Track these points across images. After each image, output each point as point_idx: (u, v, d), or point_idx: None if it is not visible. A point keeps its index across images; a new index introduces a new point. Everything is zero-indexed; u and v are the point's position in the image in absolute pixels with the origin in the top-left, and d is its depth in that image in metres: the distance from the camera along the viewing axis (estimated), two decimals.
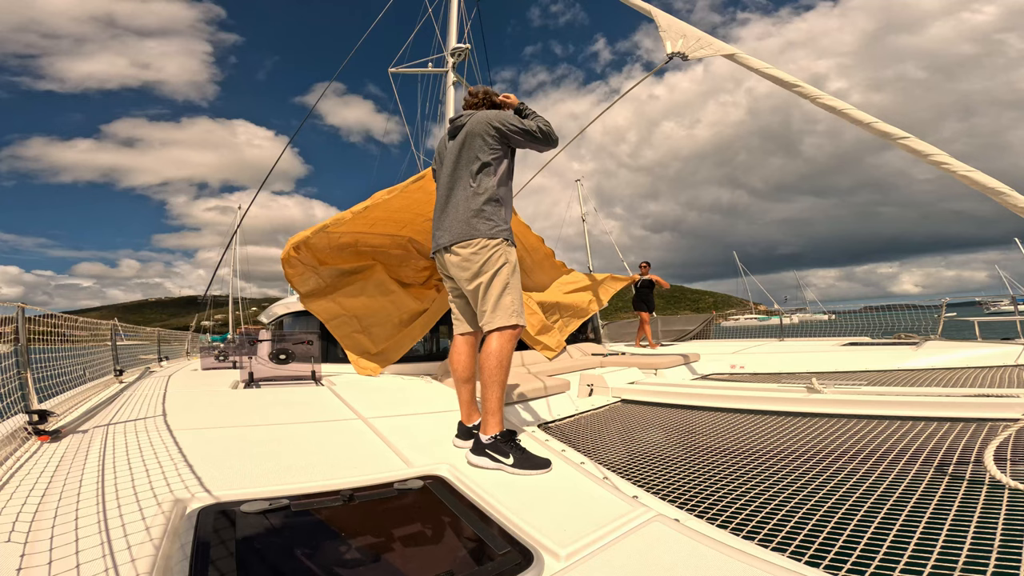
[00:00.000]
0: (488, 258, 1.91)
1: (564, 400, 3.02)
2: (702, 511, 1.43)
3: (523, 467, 1.63)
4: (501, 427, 1.77)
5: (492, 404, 1.81)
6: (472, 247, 1.93)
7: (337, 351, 4.18)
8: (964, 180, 1.25)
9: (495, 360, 1.83)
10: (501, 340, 1.86)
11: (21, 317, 2.35)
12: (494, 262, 1.91)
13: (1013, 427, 1.60)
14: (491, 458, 1.68)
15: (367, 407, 2.51)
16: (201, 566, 0.98)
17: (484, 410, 1.82)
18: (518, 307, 1.91)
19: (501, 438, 1.73)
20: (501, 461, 1.66)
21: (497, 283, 1.90)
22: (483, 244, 1.93)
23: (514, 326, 1.88)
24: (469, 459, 1.72)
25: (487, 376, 1.83)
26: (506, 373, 1.86)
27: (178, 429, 2.02)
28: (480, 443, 1.73)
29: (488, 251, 1.92)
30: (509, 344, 1.87)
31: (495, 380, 1.82)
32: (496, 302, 1.89)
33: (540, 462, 1.67)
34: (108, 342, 4.43)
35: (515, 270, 1.96)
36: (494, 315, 1.88)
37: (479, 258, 1.92)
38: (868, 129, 1.43)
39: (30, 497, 1.31)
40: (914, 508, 1.35)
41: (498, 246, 1.94)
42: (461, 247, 1.95)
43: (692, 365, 4.39)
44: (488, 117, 2.02)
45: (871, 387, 2.86)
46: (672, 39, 1.90)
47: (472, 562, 1.08)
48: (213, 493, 1.33)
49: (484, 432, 1.76)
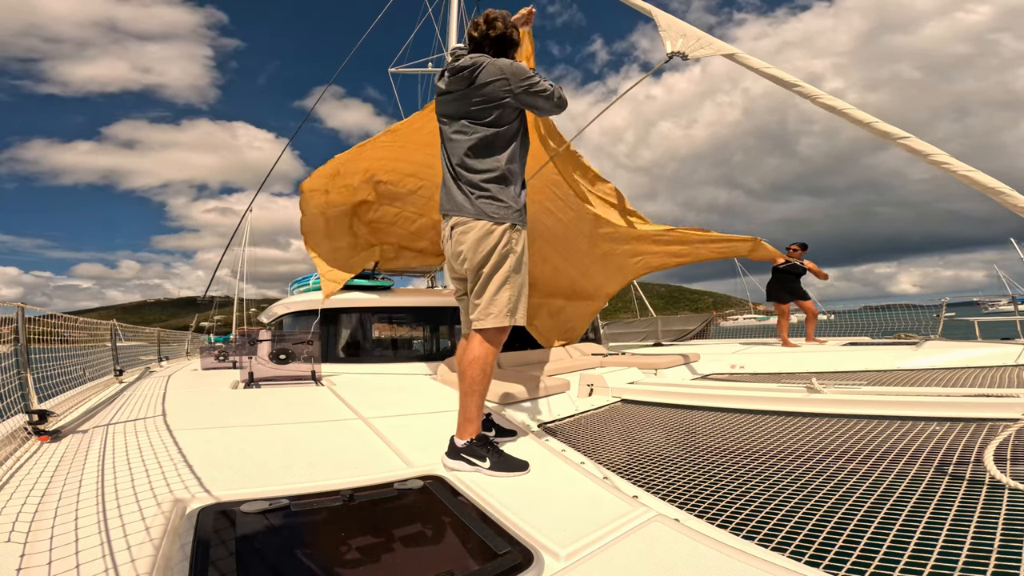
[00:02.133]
0: (493, 247, 1.75)
1: (564, 400, 3.02)
2: (702, 511, 1.43)
3: (500, 469, 1.60)
4: (477, 431, 1.73)
5: (471, 412, 1.74)
6: (476, 231, 1.76)
7: (337, 351, 4.18)
8: (964, 180, 1.25)
9: (478, 368, 1.74)
10: (487, 344, 1.76)
11: (21, 317, 2.35)
12: (499, 251, 1.76)
13: (1013, 427, 1.60)
14: (467, 462, 1.63)
15: (367, 407, 2.51)
16: (201, 566, 0.98)
17: (462, 416, 1.75)
18: (515, 305, 1.78)
19: (477, 442, 1.68)
20: (478, 464, 1.62)
21: (498, 276, 1.76)
22: (488, 229, 1.75)
23: (505, 327, 1.77)
24: (445, 463, 1.67)
25: (468, 384, 1.74)
26: (489, 378, 1.76)
27: (178, 429, 2.02)
28: (455, 447, 1.69)
29: (494, 238, 1.75)
30: (495, 348, 1.78)
31: (476, 390, 1.73)
32: (492, 297, 1.76)
33: (517, 464, 1.63)
34: (107, 342, 4.44)
35: (521, 261, 1.80)
36: (487, 311, 1.76)
37: (483, 247, 1.76)
38: (868, 129, 1.43)
39: (30, 497, 1.31)
40: (914, 508, 1.35)
41: (505, 232, 1.76)
42: (463, 231, 1.78)
43: (692, 365, 4.39)
44: (504, 71, 1.75)
45: (871, 387, 2.86)
46: (672, 38, 1.89)
47: (472, 562, 1.08)
48: (213, 493, 1.33)
49: (459, 437, 1.71)
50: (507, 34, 1.88)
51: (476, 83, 1.78)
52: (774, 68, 1.58)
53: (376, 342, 4.48)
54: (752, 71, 1.65)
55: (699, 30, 1.86)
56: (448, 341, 4.68)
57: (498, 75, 1.77)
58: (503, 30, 1.87)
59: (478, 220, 1.77)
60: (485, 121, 1.80)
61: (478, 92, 1.79)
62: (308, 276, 5.18)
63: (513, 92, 1.78)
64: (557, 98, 1.83)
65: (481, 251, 1.77)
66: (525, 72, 1.79)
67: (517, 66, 1.81)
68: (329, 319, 4.26)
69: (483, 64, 1.78)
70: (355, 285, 4.50)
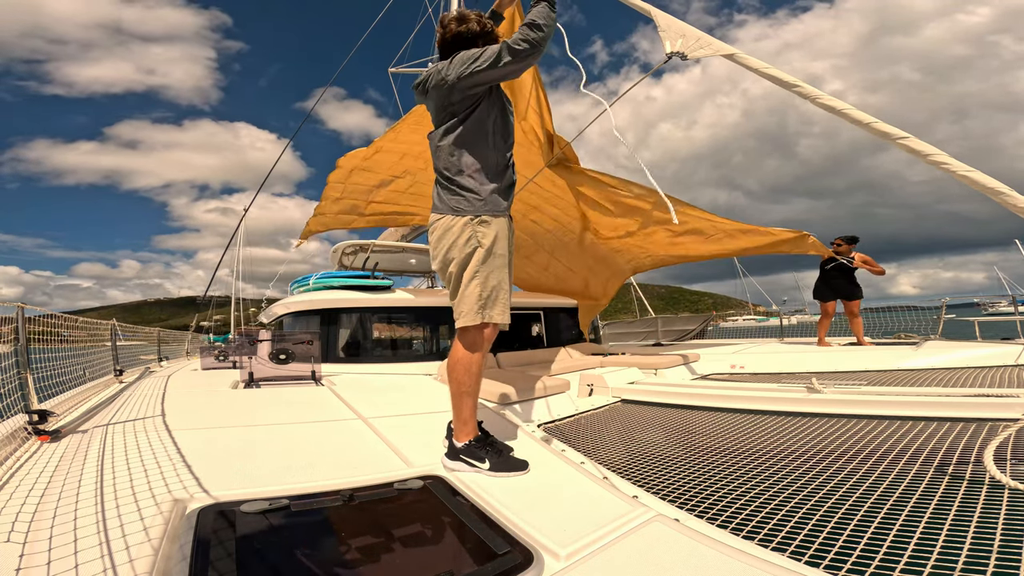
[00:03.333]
0: (453, 241, 1.72)
1: (564, 400, 3.02)
2: (702, 511, 1.43)
3: (500, 469, 1.60)
4: (475, 432, 1.72)
5: (465, 413, 1.72)
6: (439, 228, 1.75)
7: (337, 351, 4.18)
8: (964, 180, 1.25)
9: (462, 369, 1.72)
10: (467, 343, 1.74)
11: (21, 317, 2.35)
12: (459, 246, 1.71)
13: (1013, 427, 1.60)
14: (466, 463, 1.63)
15: (367, 407, 2.51)
16: (200, 566, 0.98)
17: (456, 417, 1.74)
18: (486, 301, 1.71)
19: (476, 443, 1.68)
20: (477, 465, 1.62)
21: (467, 272, 1.72)
22: (449, 224, 1.73)
23: (482, 324, 1.72)
24: (445, 464, 1.66)
25: (455, 386, 1.73)
26: (477, 379, 1.73)
27: (177, 429, 2.02)
28: (454, 448, 1.68)
29: (454, 233, 1.71)
30: (477, 347, 1.73)
31: (464, 390, 1.72)
32: (462, 294, 1.73)
33: (517, 464, 1.63)
34: (107, 342, 4.43)
35: (491, 254, 1.73)
36: (459, 309, 1.73)
37: (444, 243, 1.74)
38: (868, 129, 1.43)
39: (30, 497, 1.31)
40: (914, 508, 1.35)
41: (467, 225, 1.71)
42: (431, 229, 1.77)
43: (692, 365, 4.39)
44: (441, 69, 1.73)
45: (871, 387, 2.86)
46: (671, 39, 1.89)
47: (472, 562, 1.08)
48: (212, 493, 1.33)
49: (457, 439, 1.70)
50: (461, 33, 1.82)
51: (428, 91, 1.81)
52: (774, 68, 1.58)
53: (376, 342, 4.48)
54: (752, 71, 1.65)
55: (699, 30, 1.86)
56: (448, 341, 4.68)
57: (436, 75, 1.75)
58: (456, 29, 1.82)
59: (442, 216, 1.76)
60: (448, 123, 1.78)
61: (432, 98, 1.80)
62: (308, 276, 5.18)
63: (452, 84, 1.70)
64: (510, 52, 1.62)
65: (443, 247, 1.75)
66: (466, 58, 1.69)
67: (460, 56, 1.73)
68: (329, 319, 4.26)
69: (432, 71, 1.79)
70: (355, 285, 4.50)
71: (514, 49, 1.62)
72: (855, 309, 5.34)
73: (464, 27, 1.82)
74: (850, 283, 5.35)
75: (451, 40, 1.83)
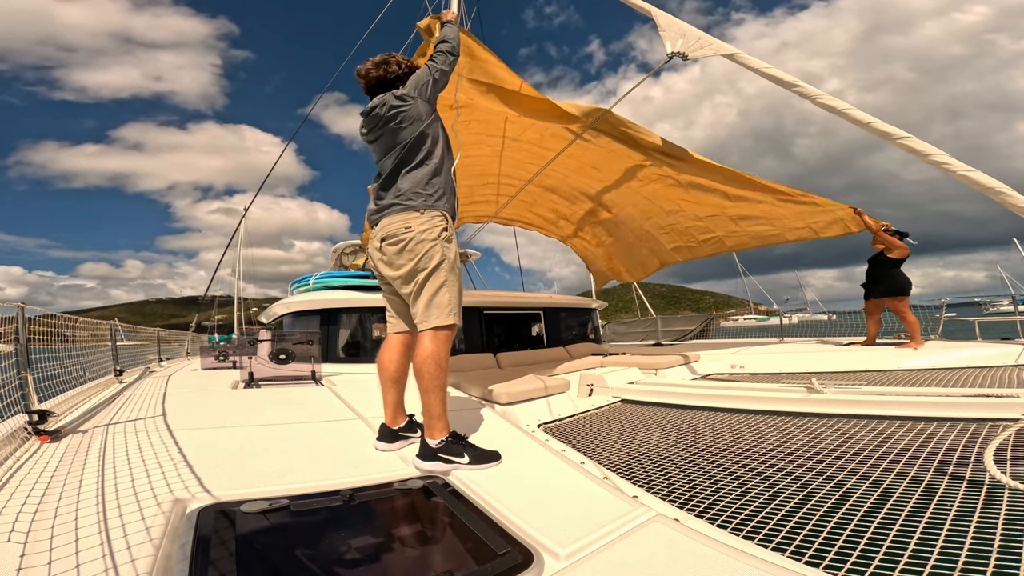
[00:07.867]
0: (425, 252, 1.81)
1: (564, 400, 3.02)
2: (702, 511, 1.43)
3: (479, 462, 1.63)
4: (448, 429, 1.72)
5: (436, 409, 1.73)
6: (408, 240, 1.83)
7: (337, 351, 4.18)
8: (964, 180, 1.25)
9: (433, 363, 1.74)
10: (436, 341, 1.77)
11: (21, 317, 2.35)
12: (433, 256, 1.81)
13: (1013, 427, 1.60)
14: (444, 460, 1.63)
15: (367, 407, 2.51)
16: (201, 566, 0.98)
17: (428, 415, 1.74)
18: (456, 304, 1.82)
19: (451, 439, 1.69)
20: (456, 461, 1.62)
21: (433, 282, 1.81)
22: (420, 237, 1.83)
23: (453, 324, 1.80)
24: (419, 466, 1.64)
25: (427, 382, 1.73)
26: (446, 375, 1.77)
27: (178, 429, 2.02)
28: (429, 448, 1.66)
29: (426, 245, 1.81)
30: (445, 344, 1.78)
31: (435, 385, 1.73)
32: (432, 299, 1.79)
33: (492, 455, 1.68)
34: (108, 342, 4.44)
35: (453, 265, 1.85)
36: (429, 312, 1.79)
37: (414, 253, 1.82)
38: (868, 129, 1.43)
39: (30, 497, 1.31)
40: (914, 508, 1.35)
41: (437, 239, 1.83)
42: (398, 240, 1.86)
43: (692, 365, 4.39)
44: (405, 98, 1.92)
45: (871, 387, 2.86)
46: (672, 38, 1.89)
47: (472, 562, 1.08)
48: (213, 493, 1.33)
49: (431, 437, 1.69)
50: (380, 77, 2.04)
51: (386, 117, 1.92)
52: (773, 68, 1.58)
53: (376, 342, 4.48)
54: (752, 71, 1.65)
55: (699, 30, 1.86)
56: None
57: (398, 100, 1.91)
58: (376, 76, 2.03)
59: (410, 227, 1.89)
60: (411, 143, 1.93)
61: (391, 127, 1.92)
62: (308, 276, 5.18)
63: (425, 101, 1.94)
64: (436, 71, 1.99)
65: (414, 256, 1.88)
66: (417, 82, 1.95)
67: (411, 83, 1.96)
68: (329, 319, 4.26)
69: (383, 104, 1.93)
70: (355, 285, 4.50)
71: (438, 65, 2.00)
72: (897, 306, 4.63)
73: (383, 73, 2.04)
74: (894, 276, 4.64)
75: (374, 86, 2.05)
